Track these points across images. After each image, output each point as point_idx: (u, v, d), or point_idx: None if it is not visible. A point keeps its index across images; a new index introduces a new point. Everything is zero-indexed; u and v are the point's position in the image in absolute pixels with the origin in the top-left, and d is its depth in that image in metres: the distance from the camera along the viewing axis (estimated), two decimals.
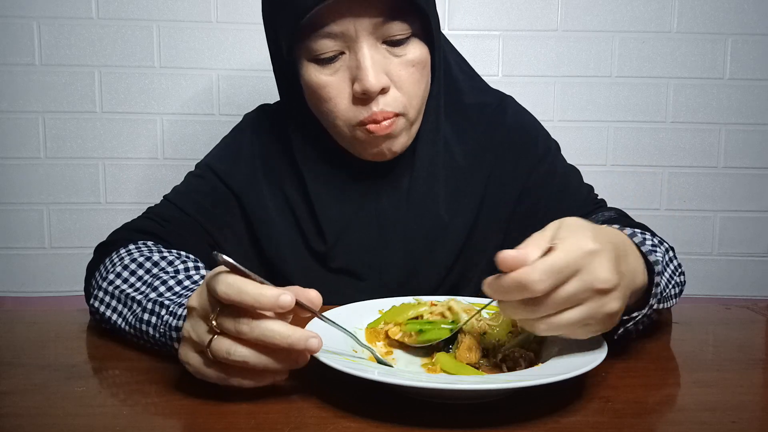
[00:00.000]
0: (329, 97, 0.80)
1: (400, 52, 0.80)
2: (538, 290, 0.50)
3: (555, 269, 0.50)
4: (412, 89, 0.81)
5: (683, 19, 1.51)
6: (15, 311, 1.02)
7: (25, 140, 1.47)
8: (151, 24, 1.46)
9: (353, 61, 0.78)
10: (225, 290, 0.52)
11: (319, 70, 0.79)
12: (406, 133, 0.84)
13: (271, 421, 0.53)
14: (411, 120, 0.83)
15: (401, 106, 0.80)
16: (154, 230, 0.84)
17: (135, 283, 0.73)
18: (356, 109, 0.80)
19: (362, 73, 0.77)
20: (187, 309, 0.57)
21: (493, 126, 0.92)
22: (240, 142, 0.94)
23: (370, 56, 0.77)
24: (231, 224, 0.89)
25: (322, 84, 0.80)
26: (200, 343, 0.55)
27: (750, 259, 1.59)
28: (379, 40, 0.78)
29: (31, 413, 0.55)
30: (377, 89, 0.77)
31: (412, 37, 0.80)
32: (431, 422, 0.52)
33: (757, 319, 0.86)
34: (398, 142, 0.83)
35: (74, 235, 1.50)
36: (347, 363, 0.55)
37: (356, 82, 0.78)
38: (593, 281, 0.52)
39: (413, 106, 0.82)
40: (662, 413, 0.55)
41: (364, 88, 0.77)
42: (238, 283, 0.52)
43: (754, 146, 1.56)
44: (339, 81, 0.79)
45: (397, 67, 0.79)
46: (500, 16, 1.51)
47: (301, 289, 0.56)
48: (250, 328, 0.52)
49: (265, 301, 0.51)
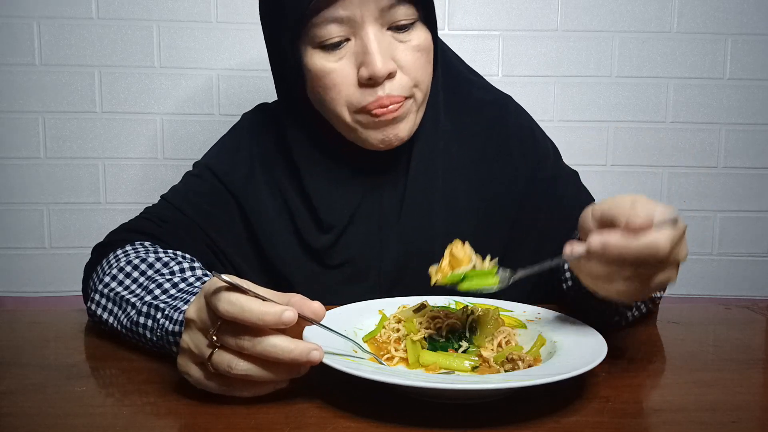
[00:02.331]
0: (334, 83, 0.79)
1: (406, 37, 0.79)
2: (663, 255, 0.55)
3: (676, 239, 0.56)
4: (418, 73, 0.80)
5: (683, 19, 1.51)
6: (15, 311, 1.02)
7: (25, 140, 1.47)
8: (151, 24, 1.46)
9: (359, 46, 0.77)
10: (227, 308, 0.51)
11: (325, 57, 0.78)
12: (413, 118, 0.82)
13: (271, 421, 0.53)
14: (418, 103, 0.82)
15: (408, 90, 0.80)
16: (151, 231, 0.84)
17: (130, 286, 0.73)
18: (361, 94, 0.78)
19: (369, 57, 0.76)
20: (185, 321, 0.57)
21: (494, 124, 0.92)
22: (238, 142, 0.93)
23: (376, 41, 0.76)
24: (230, 225, 0.88)
25: (327, 70, 0.78)
26: (200, 356, 0.55)
27: (750, 259, 1.59)
28: (384, 25, 0.78)
29: (31, 413, 0.55)
30: (384, 74, 0.76)
31: (417, 22, 0.80)
32: (431, 422, 0.52)
33: (757, 319, 0.86)
34: (404, 127, 0.81)
35: (74, 235, 1.50)
36: (347, 363, 0.55)
37: (363, 67, 0.77)
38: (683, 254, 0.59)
39: (421, 90, 0.82)
40: (662, 413, 0.55)
41: (371, 73, 0.76)
42: (241, 301, 0.51)
43: (754, 146, 1.56)
44: (344, 67, 0.78)
45: (404, 52, 0.79)
46: (500, 16, 1.51)
47: (304, 301, 0.55)
48: (252, 344, 0.52)
49: (269, 319, 0.51)
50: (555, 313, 0.72)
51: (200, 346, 0.55)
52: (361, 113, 0.79)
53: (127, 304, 0.71)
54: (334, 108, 0.80)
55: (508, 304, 0.76)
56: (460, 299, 0.77)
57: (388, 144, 0.82)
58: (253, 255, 0.89)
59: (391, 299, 0.76)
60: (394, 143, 0.82)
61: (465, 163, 0.89)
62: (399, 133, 0.81)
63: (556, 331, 0.67)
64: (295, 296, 0.55)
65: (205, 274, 0.75)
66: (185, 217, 0.86)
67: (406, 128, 0.82)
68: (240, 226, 0.89)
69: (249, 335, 0.52)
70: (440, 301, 0.77)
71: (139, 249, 0.79)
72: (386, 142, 0.82)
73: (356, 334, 0.67)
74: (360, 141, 0.83)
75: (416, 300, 0.75)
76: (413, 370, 0.62)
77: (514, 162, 0.91)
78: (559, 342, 0.64)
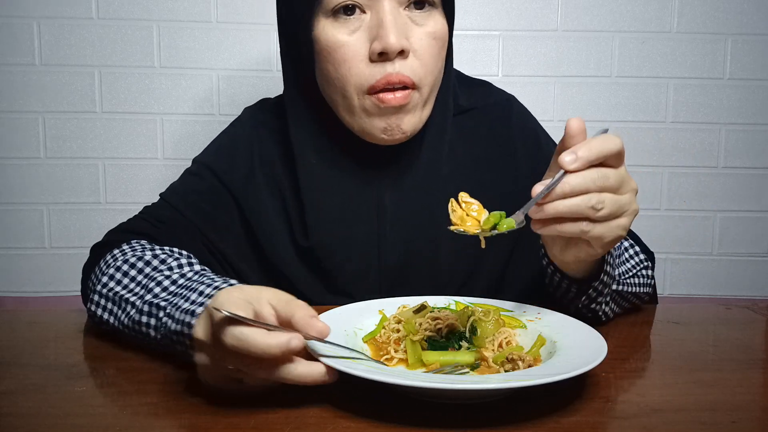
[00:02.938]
0: (344, 59, 0.77)
1: (422, 21, 0.78)
2: (619, 145, 0.61)
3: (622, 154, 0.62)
4: (430, 61, 0.79)
5: (683, 19, 1.51)
6: (15, 311, 1.02)
7: (25, 140, 1.47)
8: (151, 24, 1.46)
9: (374, 20, 0.76)
10: (234, 344, 0.52)
11: (337, 28, 0.77)
12: (418, 113, 0.81)
13: (271, 421, 0.53)
14: (424, 97, 0.80)
15: (417, 76, 0.78)
16: (148, 231, 0.83)
17: (129, 285, 0.73)
18: (371, 71, 0.77)
19: (383, 30, 0.74)
20: (195, 341, 0.57)
21: (497, 125, 0.91)
22: (238, 138, 0.92)
23: (392, 15, 0.75)
24: (229, 225, 0.88)
25: (339, 43, 0.77)
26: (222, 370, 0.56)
27: (750, 259, 1.59)
28: (402, 4, 0.77)
29: (31, 413, 0.55)
30: (397, 48, 0.75)
31: (436, 9, 0.79)
32: (431, 422, 0.52)
33: (757, 319, 0.86)
34: (409, 121, 0.80)
35: (74, 235, 1.50)
36: (347, 363, 0.55)
37: (376, 40, 0.75)
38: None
39: (428, 82, 0.80)
40: (662, 413, 0.55)
41: (384, 45, 0.74)
42: (246, 336, 0.52)
43: (754, 146, 1.56)
44: (356, 41, 0.76)
45: (418, 36, 0.77)
46: (500, 16, 1.51)
47: (307, 321, 0.55)
48: (267, 374, 0.54)
49: (275, 351, 0.52)
50: (555, 313, 0.72)
51: (218, 366, 0.56)
52: (367, 96, 0.78)
53: (126, 303, 0.71)
54: (342, 87, 0.78)
55: (508, 304, 0.76)
56: (461, 299, 0.77)
57: (391, 135, 0.80)
58: (253, 255, 0.89)
59: (391, 299, 0.76)
60: (397, 135, 0.80)
61: (468, 163, 0.89)
62: (402, 125, 0.79)
63: (556, 331, 0.67)
64: (298, 312, 0.55)
65: (204, 268, 0.75)
66: (183, 218, 0.86)
67: (410, 122, 0.80)
68: (239, 226, 0.88)
69: (261, 365, 0.54)
70: (440, 301, 0.77)
71: (136, 247, 0.79)
72: (389, 133, 0.80)
73: (356, 334, 0.67)
74: (363, 132, 0.81)
75: (416, 300, 0.75)
76: (413, 370, 0.62)
77: (517, 163, 0.90)
78: (559, 342, 0.64)
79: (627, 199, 0.63)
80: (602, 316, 0.78)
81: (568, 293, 0.76)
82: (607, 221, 0.62)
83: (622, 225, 0.63)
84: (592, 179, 0.60)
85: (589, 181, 0.60)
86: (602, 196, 0.61)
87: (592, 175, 0.60)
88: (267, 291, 0.57)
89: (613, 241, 0.64)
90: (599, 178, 0.61)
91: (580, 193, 0.60)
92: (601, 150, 0.61)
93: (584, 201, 0.60)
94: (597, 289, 0.74)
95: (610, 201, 0.61)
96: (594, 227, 0.62)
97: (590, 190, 0.61)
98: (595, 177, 0.61)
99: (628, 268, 0.83)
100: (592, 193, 0.60)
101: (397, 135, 0.80)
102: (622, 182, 0.63)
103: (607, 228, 0.62)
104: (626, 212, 0.63)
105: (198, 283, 0.67)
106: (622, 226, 0.63)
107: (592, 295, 0.75)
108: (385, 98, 0.77)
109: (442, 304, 0.75)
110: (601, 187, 0.61)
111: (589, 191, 0.61)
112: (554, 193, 0.60)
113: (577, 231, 0.62)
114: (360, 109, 0.79)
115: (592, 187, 0.61)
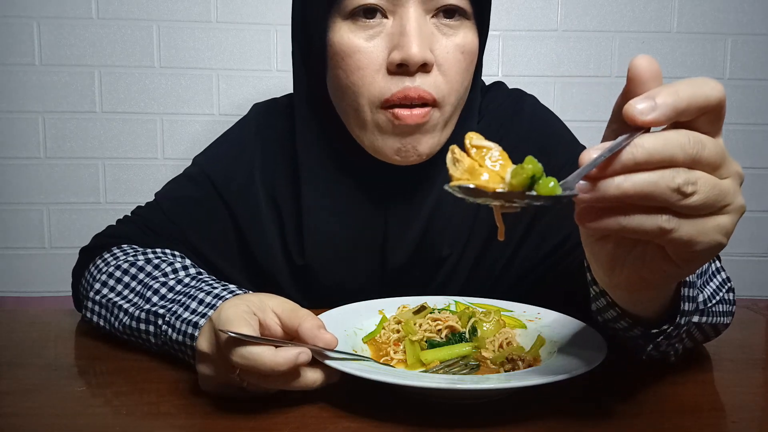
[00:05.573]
0: (358, 66, 0.68)
1: (451, 31, 0.69)
2: (721, 93, 0.38)
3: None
4: (456, 78, 0.70)
5: (683, 19, 1.51)
6: (15, 311, 1.02)
7: (25, 140, 1.47)
8: (151, 24, 1.46)
9: (396, 27, 0.67)
10: (241, 362, 0.52)
11: (354, 32, 0.68)
12: (437, 134, 0.71)
13: (271, 421, 0.53)
14: (446, 117, 0.71)
15: (440, 93, 0.69)
16: (136, 238, 0.80)
17: (122, 291, 0.72)
18: (387, 83, 0.68)
19: (405, 39, 0.66)
20: (198, 353, 0.57)
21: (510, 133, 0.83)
22: (244, 139, 0.86)
23: (417, 23, 0.66)
24: (221, 237, 0.83)
25: (354, 48, 0.68)
26: (226, 380, 0.55)
27: (750, 259, 1.59)
28: (429, 12, 0.68)
29: (31, 413, 0.55)
30: (419, 60, 0.66)
31: (468, 20, 0.71)
32: (431, 422, 0.52)
33: (757, 319, 0.86)
34: (426, 142, 0.70)
35: (74, 235, 1.50)
36: (348, 363, 0.55)
37: (396, 49, 0.66)
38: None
39: (451, 101, 0.70)
40: (662, 413, 0.55)
41: (404, 56, 0.65)
42: (254, 355, 0.52)
43: (754, 146, 1.56)
44: (374, 48, 0.68)
45: (445, 48, 0.69)
46: (500, 16, 1.51)
47: (314, 332, 0.55)
48: (273, 386, 0.55)
49: (283, 369, 0.52)
50: (555, 313, 0.72)
51: (223, 377, 0.56)
52: (381, 111, 0.69)
53: (119, 310, 0.70)
54: (354, 98, 0.70)
55: (508, 304, 0.76)
56: (461, 300, 0.77)
57: (405, 157, 0.71)
58: (245, 266, 0.85)
59: (391, 299, 0.76)
60: (412, 158, 0.71)
61: None
62: (418, 146, 0.70)
63: (556, 331, 0.67)
64: (305, 323, 0.55)
65: (199, 271, 0.74)
66: (173, 225, 0.82)
67: (428, 144, 0.71)
68: (233, 237, 0.84)
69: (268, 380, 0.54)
70: (440, 302, 0.77)
71: (128, 251, 0.77)
72: (403, 154, 0.71)
73: (356, 335, 0.67)
74: (374, 149, 0.73)
75: (417, 300, 0.75)
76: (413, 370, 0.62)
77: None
78: (559, 342, 0.64)
79: (731, 186, 0.40)
80: (672, 356, 0.61)
81: (629, 337, 0.56)
82: (700, 217, 0.39)
83: (723, 227, 0.40)
84: (680, 144, 0.38)
85: (676, 145, 0.38)
86: (694, 174, 0.38)
87: (680, 139, 0.38)
88: (271, 299, 0.57)
89: (708, 251, 0.40)
90: (691, 143, 0.38)
91: (659, 164, 0.38)
92: (693, 97, 0.38)
93: (666, 177, 0.37)
94: (671, 335, 0.54)
95: (705, 183, 0.38)
96: (680, 225, 0.39)
97: (676, 160, 0.38)
98: (684, 141, 0.38)
99: (713, 290, 0.62)
100: (678, 168, 0.38)
101: (412, 157, 0.71)
102: (724, 158, 0.39)
103: (700, 228, 0.39)
104: (730, 206, 0.40)
105: (196, 290, 0.66)
106: (723, 229, 0.40)
107: (662, 344, 0.55)
108: (400, 114, 0.68)
109: (442, 305, 0.75)
110: (693, 157, 0.38)
111: (674, 162, 0.38)
112: (618, 161, 0.37)
113: (653, 228, 0.39)
114: (372, 125, 0.71)
115: (680, 155, 0.38)
